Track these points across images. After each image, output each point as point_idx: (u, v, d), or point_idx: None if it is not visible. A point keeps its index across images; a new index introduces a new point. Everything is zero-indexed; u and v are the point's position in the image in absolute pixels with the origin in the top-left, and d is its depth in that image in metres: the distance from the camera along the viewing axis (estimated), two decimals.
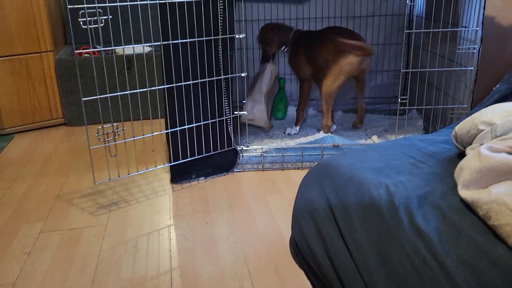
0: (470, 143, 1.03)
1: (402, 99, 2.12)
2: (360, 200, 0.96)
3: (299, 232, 1.13)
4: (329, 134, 2.22)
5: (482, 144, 0.94)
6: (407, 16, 2.65)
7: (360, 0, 2.66)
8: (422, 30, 2.08)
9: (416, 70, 2.06)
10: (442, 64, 2.23)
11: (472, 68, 2.00)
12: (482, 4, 1.91)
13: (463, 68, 2.04)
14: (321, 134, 2.18)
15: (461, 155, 1.08)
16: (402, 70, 2.13)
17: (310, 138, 2.17)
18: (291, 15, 2.66)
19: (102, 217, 1.74)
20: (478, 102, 2.18)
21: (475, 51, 1.98)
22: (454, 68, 2.07)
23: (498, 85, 1.45)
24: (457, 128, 1.08)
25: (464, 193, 0.87)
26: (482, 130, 0.98)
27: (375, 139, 2.30)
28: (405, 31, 1.89)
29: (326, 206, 1.02)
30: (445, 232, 0.81)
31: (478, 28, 1.95)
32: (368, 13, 2.69)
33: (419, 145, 1.18)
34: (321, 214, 1.02)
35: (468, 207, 0.86)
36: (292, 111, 2.75)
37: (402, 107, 2.15)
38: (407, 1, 1.94)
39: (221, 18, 1.88)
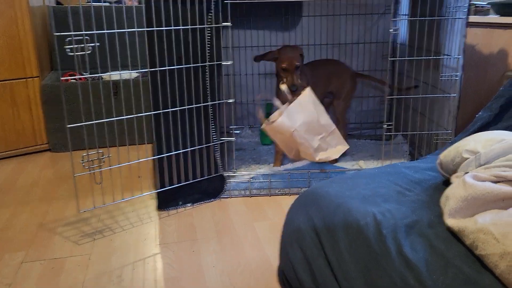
0: (455, 171, 1.04)
1: (387, 125, 2.14)
2: (348, 229, 0.95)
3: (286, 261, 1.12)
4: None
5: (467, 172, 0.95)
6: (390, 44, 2.71)
7: (345, 28, 2.72)
8: (406, 58, 2.13)
9: (400, 96, 2.09)
10: (426, 90, 2.27)
11: (455, 95, 2.04)
12: (463, 33, 1.97)
13: (446, 95, 2.08)
14: (307, 160, 2.19)
15: (447, 182, 1.09)
16: (387, 97, 2.16)
17: (298, 164, 2.17)
18: (277, 42, 2.70)
19: (86, 246, 1.70)
20: (461, 127, 2.21)
21: (457, 78, 2.03)
22: (438, 95, 2.11)
23: (480, 112, 1.48)
24: (442, 156, 1.09)
25: (450, 221, 0.87)
26: (467, 159, 0.99)
27: (362, 164, 2.31)
28: (389, 59, 1.93)
29: (313, 234, 1.02)
30: (433, 262, 0.81)
31: (460, 56, 2.00)
32: (353, 41, 2.74)
33: (405, 172, 1.19)
34: (308, 243, 1.01)
35: (455, 235, 0.87)
36: None
37: (387, 133, 2.17)
38: (390, 30, 1.99)
39: (209, 45, 1.90)
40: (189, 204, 2.01)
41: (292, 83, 2.09)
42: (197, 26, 1.84)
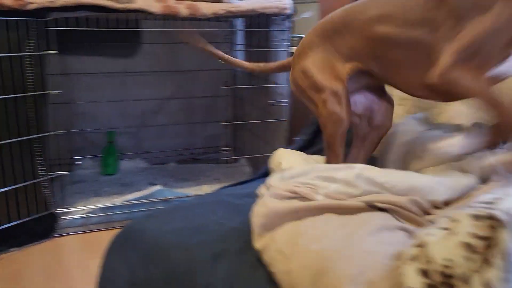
0: None
1: (227, 149, 2.24)
2: (163, 269, 0.95)
3: None
4: (159, 187, 2.21)
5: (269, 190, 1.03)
6: (230, 71, 2.83)
7: (187, 55, 2.76)
8: (236, 86, 2.27)
9: (235, 122, 2.21)
10: (263, 115, 2.42)
11: (285, 119, 2.22)
12: None
13: (277, 120, 2.25)
14: (149, 189, 2.15)
15: None
16: (222, 123, 2.25)
17: (138, 194, 2.12)
18: (118, 68, 2.63)
19: None
20: None
21: (286, 104, 2.21)
22: (269, 120, 2.27)
23: (298, 138, 1.63)
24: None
25: (256, 242, 0.92)
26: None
27: (206, 189, 2.35)
28: (221, 87, 2.02)
29: (129, 278, 0.99)
30: None
31: (286, 85, 2.18)
32: (195, 68, 2.80)
33: (226, 200, 1.23)
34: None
35: (260, 260, 0.92)
36: (125, 165, 2.67)
37: (226, 157, 2.26)
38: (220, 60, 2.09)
39: (31, 74, 1.75)
40: (14, 248, 1.81)
41: None
42: (11, 54, 1.69)
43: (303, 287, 0.75)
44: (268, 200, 0.92)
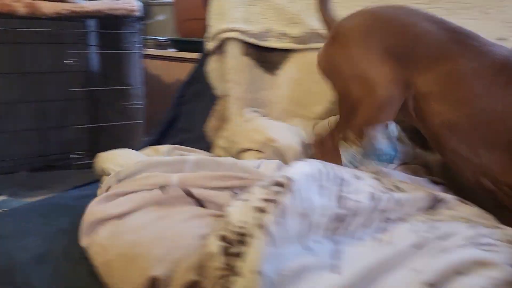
0: None
1: (83, 154, 2.17)
2: None
3: None
4: (4, 198, 2.05)
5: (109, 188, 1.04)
6: (83, 73, 2.72)
7: (35, 57, 2.60)
8: (89, 88, 2.21)
9: (88, 125, 2.15)
10: (120, 117, 2.39)
11: (140, 121, 2.23)
12: (142, 65, 2.18)
13: (133, 122, 2.25)
14: None
15: None
16: (75, 126, 2.18)
17: None
18: None
19: None
20: None
21: (141, 106, 2.22)
22: (125, 122, 2.26)
23: (147, 139, 1.66)
24: None
25: (82, 241, 0.93)
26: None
27: None
28: (73, 89, 1.96)
29: None
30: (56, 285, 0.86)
31: (140, 87, 2.20)
32: (47, 69, 2.64)
33: (60, 202, 1.21)
34: None
35: (85, 257, 0.93)
36: None
37: (85, 162, 2.18)
38: (68, 61, 2.03)
39: None
40: None
41: None
42: None
43: (118, 274, 0.79)
44: (98, 202, 0.95)
